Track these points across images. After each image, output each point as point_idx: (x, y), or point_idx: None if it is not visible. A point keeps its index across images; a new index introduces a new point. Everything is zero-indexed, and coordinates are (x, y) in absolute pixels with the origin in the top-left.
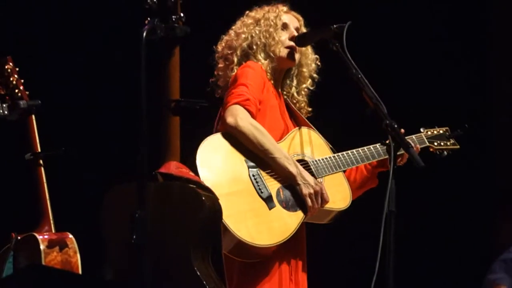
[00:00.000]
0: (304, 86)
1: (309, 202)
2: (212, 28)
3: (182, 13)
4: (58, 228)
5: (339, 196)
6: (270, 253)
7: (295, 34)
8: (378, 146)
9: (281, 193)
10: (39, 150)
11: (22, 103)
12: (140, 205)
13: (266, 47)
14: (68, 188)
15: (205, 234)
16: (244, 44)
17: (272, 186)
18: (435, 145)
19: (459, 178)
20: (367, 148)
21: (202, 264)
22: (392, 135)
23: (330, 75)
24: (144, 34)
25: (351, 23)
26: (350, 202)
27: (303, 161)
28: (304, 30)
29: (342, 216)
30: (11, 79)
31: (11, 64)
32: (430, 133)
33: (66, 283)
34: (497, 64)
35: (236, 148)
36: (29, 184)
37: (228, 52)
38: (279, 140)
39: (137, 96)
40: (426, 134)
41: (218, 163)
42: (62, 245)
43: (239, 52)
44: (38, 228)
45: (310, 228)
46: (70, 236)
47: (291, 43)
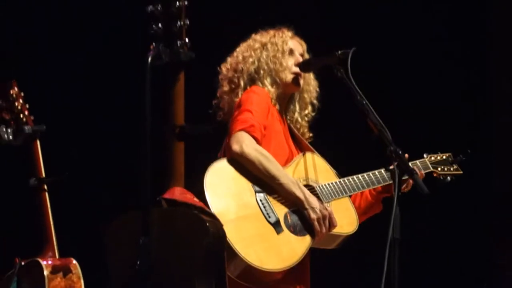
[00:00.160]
0: (306, 112)
1: (317, 227)
2: (217, 54)
3: (187, 38)
4: (62, 253)
5: (346, 221)
6: (278, 277)
7: (300, 60)
8: (383, 171)
9: (288, 218)
10: (44, 175)
11: (27, 128)
12: (144, 231)
13: (272, 72)
14: (72, 214)
15: (209, 260)
16: (252, 68)
17: (280, 211)
18: (439, 170)
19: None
20: (372, 173)
21: None
22: (397, 161)
23: (332, 99)
24: (149, 59)
25: (355, 49)
26: (357, 227)
27: (309, 186)
28: (307, 56)
29: (349, 241)
30: (16, 104)
31: (16, 88)
32: (433, 158)
33: None
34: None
35: (242, 173)
36: (33, 209)
37: (234, 75)
38: (284, 165)
39: (141, 121)
40: (430, 159)
41: (225, 188)
42: (66, 270)
43: (245, 76)
44: (42, 253)
45: (313, 254)
46: (74, 261)
47: (297, 70)
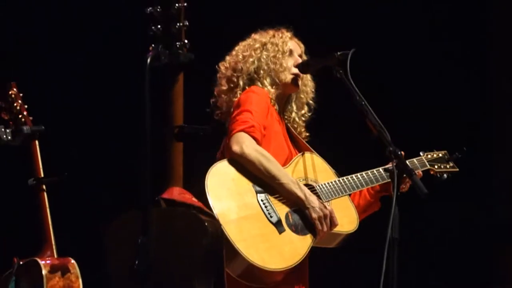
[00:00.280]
0: (303, 112)
1: (318, 226)
2: (216, 55)
3: (186, 39)
4: (60, 253)
5: (346, 220)
6: (280, 277)
7: (299, 61)
8: (381, 170)
9: (290, 217)
10: (42, 175)
11: (26, 128)
12: (143, 231)
13: (272, 73)
14: (72, 214)
15: (208, 260)
16: (251, 68)
17: (281, 210)
18: (436, 168)
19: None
20: (371, 172)
21: None
22: (396, 162)
23: (331, 99)
24: (148, 60)
25: (354, 51)
26: (358, 225)
27: (309, 185)
28: (305, 57)
29: (349, 239)
30: (15, 104)
31: (15, 89)
32: (430, 156)
33: None
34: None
35: (243, 174)
36: (31, 209)
37: (233, 74)
38: (283, 165)
39: (141, 122)
40: (426, 157)
41: (226, 189)
42: (64, 270)
43: (245, 75)
44: (41, 253)
45: (312, 254)
46: (72, 261)
47: (297, 71)
